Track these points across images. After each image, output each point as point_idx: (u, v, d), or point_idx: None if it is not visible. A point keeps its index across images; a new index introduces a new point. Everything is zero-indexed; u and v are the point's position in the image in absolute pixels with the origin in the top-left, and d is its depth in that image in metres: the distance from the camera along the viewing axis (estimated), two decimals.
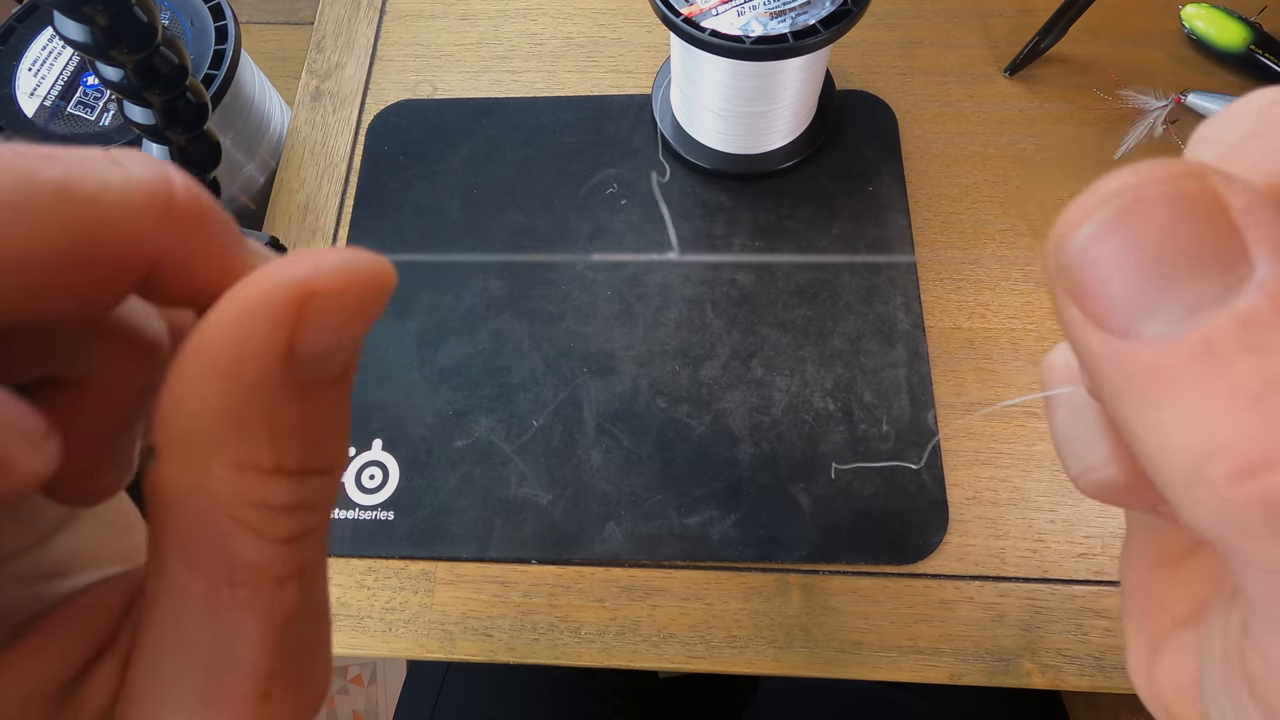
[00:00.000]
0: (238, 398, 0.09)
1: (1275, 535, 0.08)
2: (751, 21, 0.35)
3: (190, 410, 0.09)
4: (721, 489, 0.37)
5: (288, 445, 0.10)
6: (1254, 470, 0.07)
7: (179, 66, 0.31)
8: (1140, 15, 0.48)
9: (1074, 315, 0.09)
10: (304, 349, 0.09)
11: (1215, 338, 0.08)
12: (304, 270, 0.09)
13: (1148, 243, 0.08)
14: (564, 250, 0.43)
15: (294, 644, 0.11)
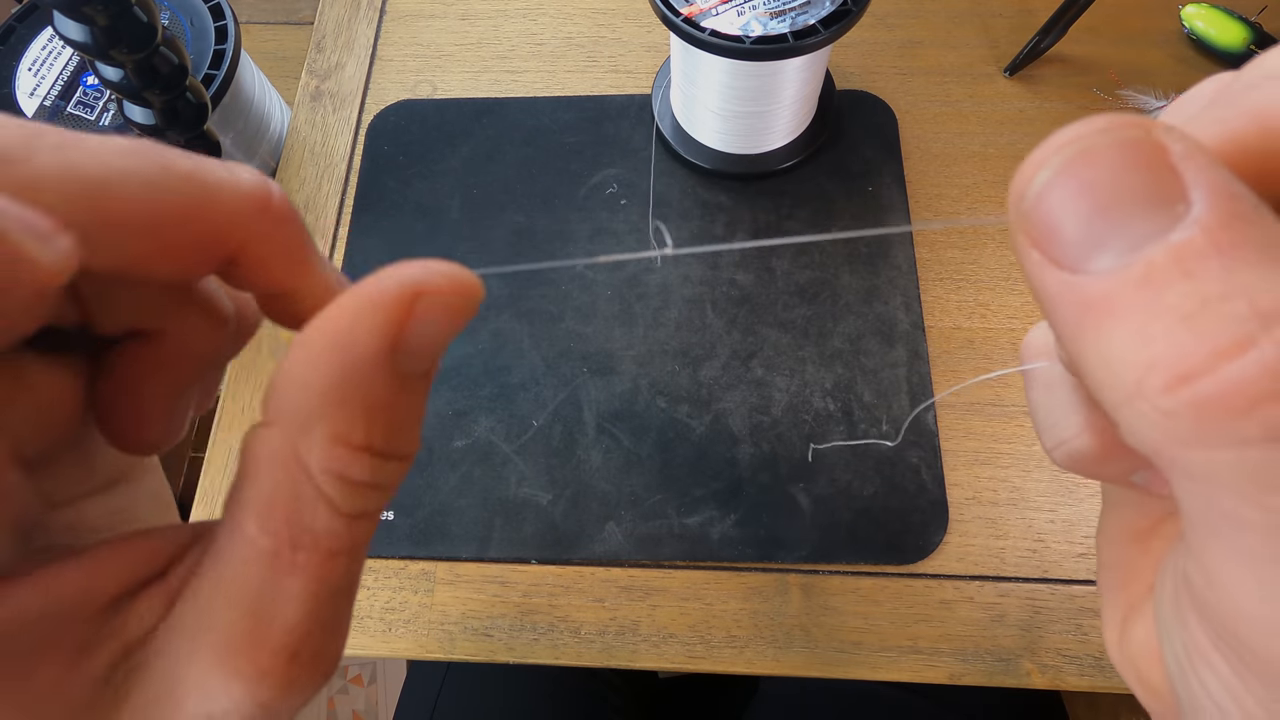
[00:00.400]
0: (346, 376, 0.11)
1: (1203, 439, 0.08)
2: (751, 21, 0.35)
3: (303, 380, 0.11)
4: (721, 489, 0.37)
5: (377, 427, 0.11)
6: (1185, 378, 0.08)
7: (179, 66, 0.31)
8: (1140, 15, 0.48)
9: (1034, 258, 0.10)
10: (406, 342, 0.11)
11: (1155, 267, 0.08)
12: (416, 272, 0.11)
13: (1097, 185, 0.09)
14: (563, 251, 0.43)
15: (328, 614, 0.12)
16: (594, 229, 0.43)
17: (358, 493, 0.11)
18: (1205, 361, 0.08)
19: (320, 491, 0.11)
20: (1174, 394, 0.08)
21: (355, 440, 0.11)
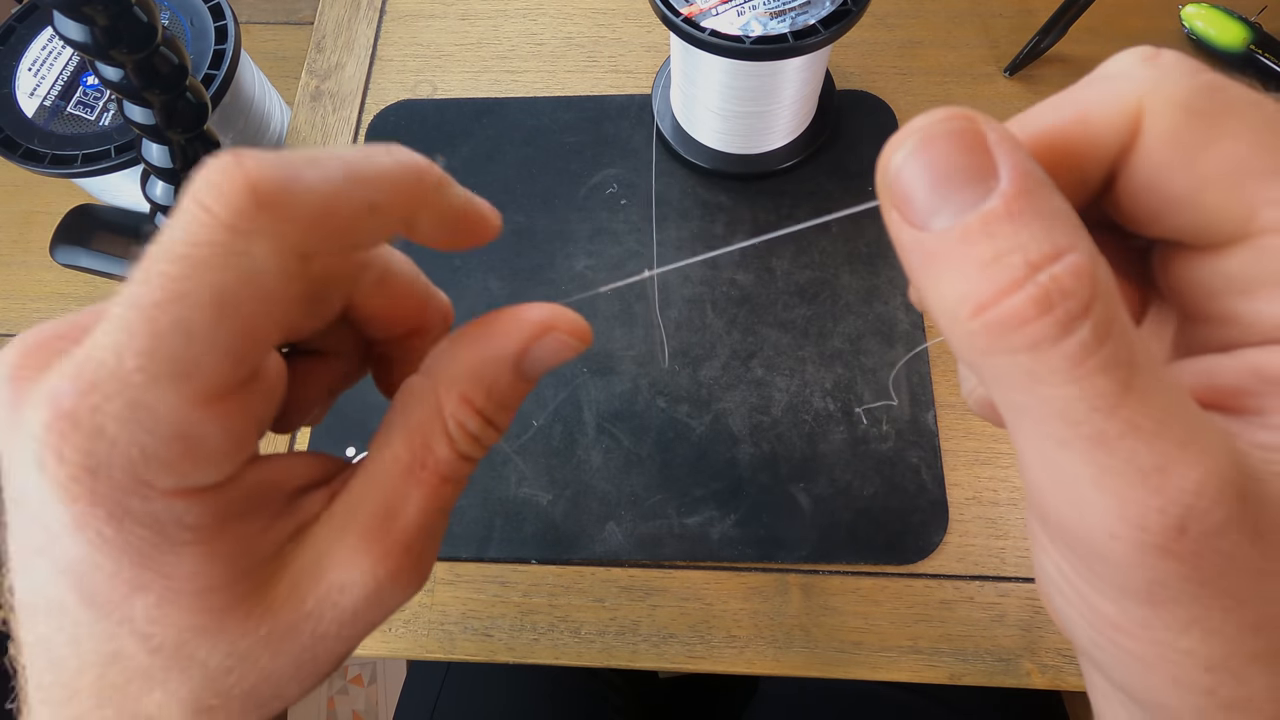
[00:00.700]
0: (485, 363, 0.16)
1: (993, 349, 0.12)
2: (751, 21, 0.35)
3: (457, 355, 0.17)
4: (721, 489, 0.37)
5: (491, 401, 0.17)
6: (982, 307, 0.11)
7: (179, 66, 0.31)
8: (1140, 15, 0.48)
9: (894, 217, 0.13)
10: (530, 355, 0.17)
11: (969, 228, 0.11)
12: (553, 313, 0.17)
13: (935, 163, 0.12)
14: (563, 251, 0.43)
15: (433, 524, 0.17)
16: (594, 229, 0.43)
17: (467, 440, 0.16)
18: (993, 297, 0.11)
19: (446, 430, 0.16)
20: (974, 319, 0.12)
21: (476, 404, 0.16)
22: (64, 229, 0.43)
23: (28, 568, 0.15)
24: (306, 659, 0.16)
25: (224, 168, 0.13)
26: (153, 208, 0.37)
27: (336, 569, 0.16)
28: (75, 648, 0.15)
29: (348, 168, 0.14)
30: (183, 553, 0.14)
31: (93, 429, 0.13)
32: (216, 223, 0.13)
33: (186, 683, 0.15)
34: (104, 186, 0.43)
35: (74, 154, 0.40)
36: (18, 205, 0.53)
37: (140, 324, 0.13)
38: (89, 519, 0.13)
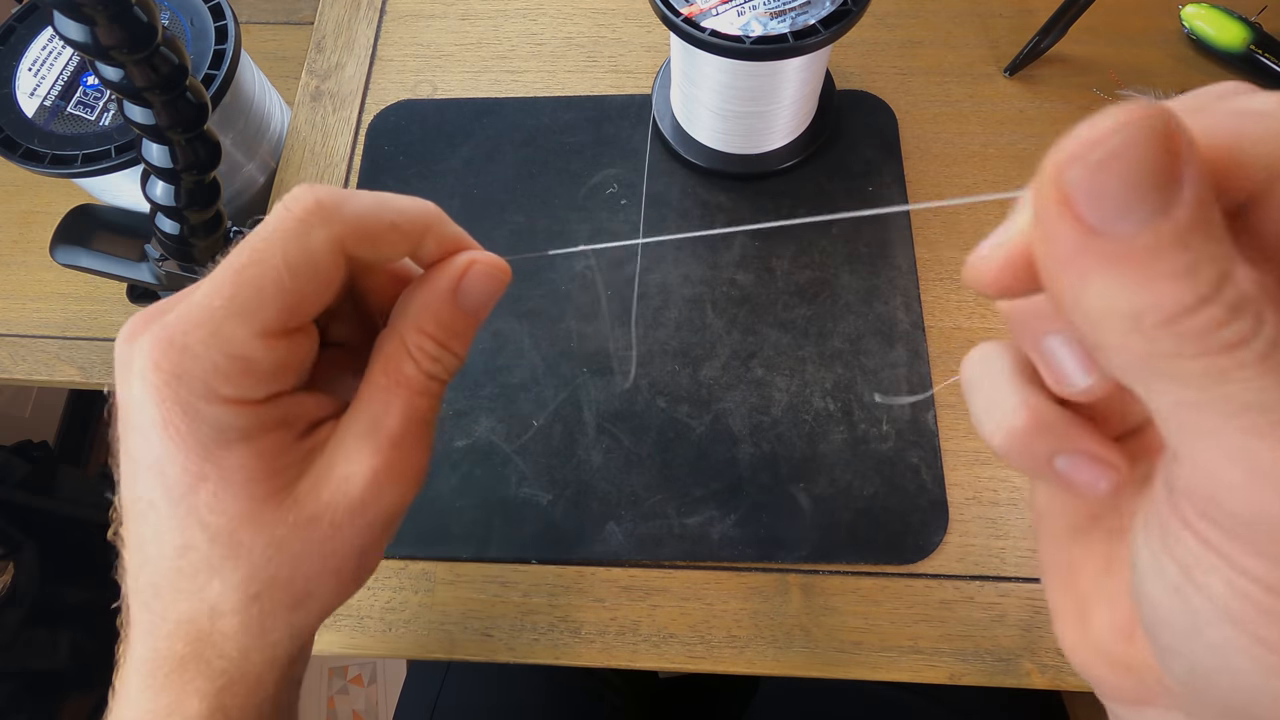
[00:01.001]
0: (429, 302, 0.21)
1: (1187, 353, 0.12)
2: (751, 21, 0.35)
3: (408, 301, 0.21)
4: (721, 489, 0.37)
5: (441, 330, 0.21)
6: (1176, 316, 0.11)
7: (179, 66, 0.31)
8: (1140, 15, 0.48)
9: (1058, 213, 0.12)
10: (463, 287, 0.21)
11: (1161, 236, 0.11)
12: (475, 253, 0.22)
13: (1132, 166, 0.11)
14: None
15: (414, 429, 0.21)
16: (594, 229, 0.43)
17: (428, 360, 0.21)
18: (1192, 306, 0.11)
19: (410, 354, 0.21)
20: (1164, 329, 0.12)
21: (428, 331, 0.21)
22: (64, 229, 0.43)
23: (133, 476, 0.20)
24: (329, 548, 0.20)
25: (300, 188, 0.20)
26: (153, 208, 0.37)
27: (342, 465, 0.20)
28: (158, 543, 0.20)
29: (378, 197, 0.21)
30: (233, 449, 0.19)
31: (184, 347, 0.18)
32: (291, 216, 0.19)
33: (238, 570, 0.19)
34: (104, 186, 0.43)
35: (74, 154, 0.40)
36: (18, 205, 0.53)
37: (229, 277, 0.19)
38: (171, 416, 0.19)
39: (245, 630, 0.20)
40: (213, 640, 0.20)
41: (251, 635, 0.20)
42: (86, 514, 1.01)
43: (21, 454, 1.01)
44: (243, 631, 0.20)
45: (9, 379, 0.49)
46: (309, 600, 0.21)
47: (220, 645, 0.20)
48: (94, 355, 0.49)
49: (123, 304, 0.50)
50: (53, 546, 0.94)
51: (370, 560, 0.22)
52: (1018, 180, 0.44)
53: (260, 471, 0.19)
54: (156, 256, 0.41)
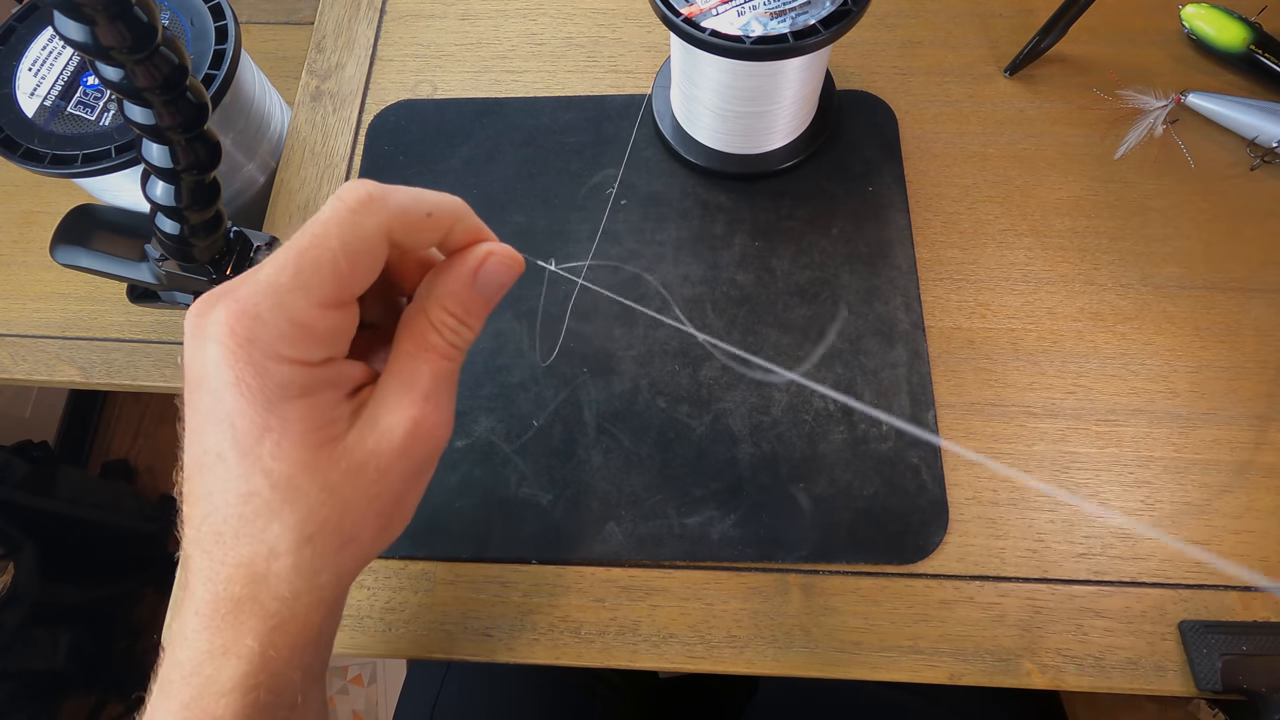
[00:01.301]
0: (451, 284, 0.25)
1: None
2: (751, 21, 0.35)
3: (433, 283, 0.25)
4: (721, 489, 0.37)
5: (460, 307, 0.25)
6: None
7: (179, 66, 0.31)
8: (1140, 15, 0.48)
9: None
10: (481, 274, 0.25)
11: None
12: (493, 245, 0.26)
13: None
14: (563, 251, 0.43)
15: (442, 386, 0.25)
16: (594, 229, 0.43)
17: (449, 332, 0.25)
18: None
19: (434, 326, 0.25)
20: None
21: (449, 309, 0.25)
22: (64, 229, 0.43)
23: (200, 434, 0.22)
24: (375, 492, 0.23)
25: (352, 183, 0.23)
26: (153, 208, 0.37)
27: (384, 417, 0.24)
28: (225, 493, 0.22)
29: (416, 192, 0.24)
30: (294, 403, 0.22)
31: (255, 315, 0.22)
32: (345, 207, 0.23)
33: (295, 512, 0.22)
34: (104, 186, 0.43)
35: (74, 154, 0.40)
36: (18, 205, 0.53)
37: (294, 256, 0.22)
38: (243, 374, 0.21)
39: (297, 571, 0.22)
40: (268, 582, 0.22)
41: (303, 576, 0.23)
42: (86, 514, 1.01)
43: (21, 454, 1.01)
44: (294, 572, 0.22)
45: (9, 379, 0.49)
46: (353, 544, 0.24)
47: (275, 586, 0.22)
48: (94, 355, 0.49)
49: (123, 304, 0.50)
50: (53, 546, 0.94)
51: (407, 507, 0.25)
52: (1018, 180, 0.44)
53: (316, 422, 0.22)
54: (156, 256, 0.41)
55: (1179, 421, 0.38)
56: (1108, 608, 0.35)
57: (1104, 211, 0.43)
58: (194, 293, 0.46)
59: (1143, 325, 0.40)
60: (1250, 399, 0.38)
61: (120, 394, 1.29)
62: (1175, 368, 0.39)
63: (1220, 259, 0.41)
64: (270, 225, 0.46)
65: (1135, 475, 0.37)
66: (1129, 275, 0.41)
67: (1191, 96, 0.44)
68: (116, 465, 1.20)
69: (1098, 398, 0.39)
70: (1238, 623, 0.34)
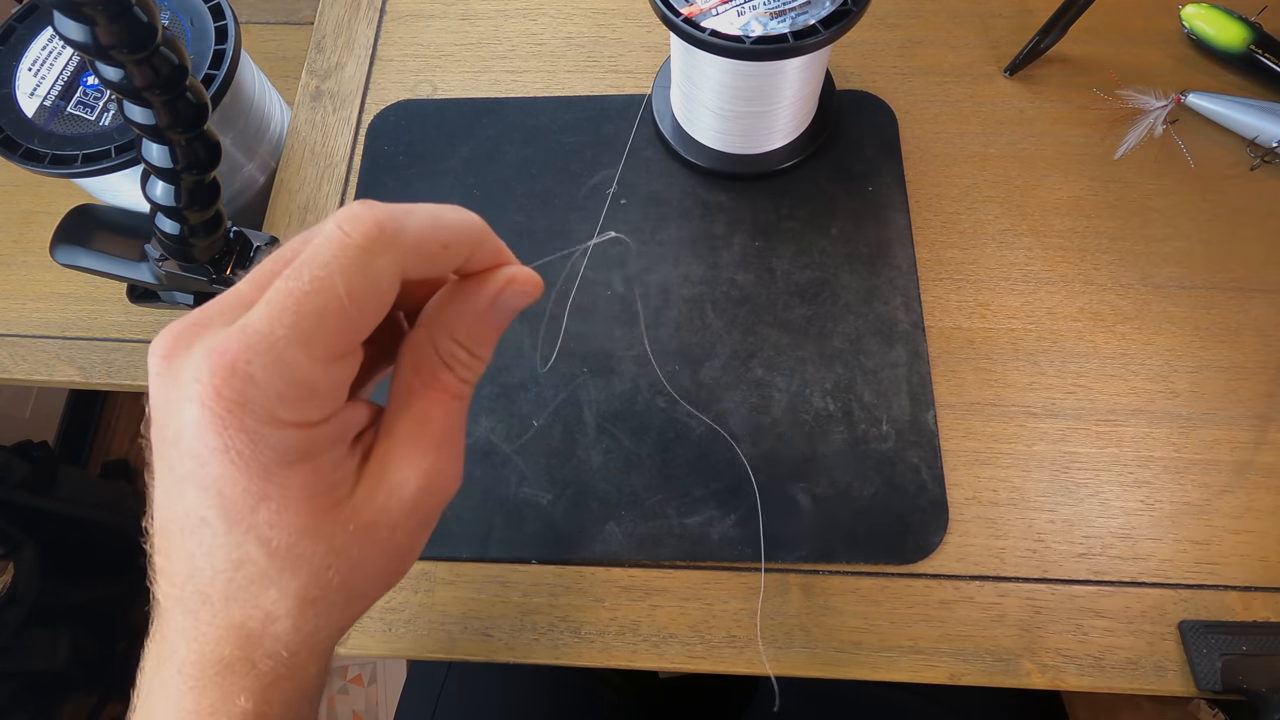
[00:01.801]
0: (464, 311, 0.22)
1: None
2: (751, 21, 0.35)
3: (443, 307, 0.22)
4: (721, 489, 0.37)
5: (471, 337, 0.22)
6: None
7: (179, 66, 0.31)
8: (1140, 15, 0.48)
9: None
10: (499, 301, 0.22)
11: None
12: (516, 270, 0.23)
13: None
14: (563, 250, 0.43)
15: (453, 429, 0.23)
16: (594, 229, 0.43)
17: (460, 366, 0.22)
18: None
19: (444, 362, 0.22)
20: None
21: (460, 341, 0.22)
22: (64, 229, 0.43)
23: (178, 494, 0.20)
24: (384, 549, 0.21)
25: (359, 208, 0.20)
26: (153, 208, 0.37)
27: (394, 470, 0.22)
28: (210, 559, 0.20)
29: (432, 217, 0.21)
30: (296, 468, 0.20)
31: (246, 376, 0.18)
32: (353, 243, 0.19)
33: (296, 579, 0.20)
34: (104, 186, 0.43)
35: (74, 154, 0.40)
36: (18, 205, 0.53)
37: (290, 306, 0.19)
38: (234, 442, 0.19)
39: (297, 631, 0.20)
40: (263, 643, 0.20)
41: (303, 635, 0.21)
42: (86, 514, 1.01)
43: (21, 454, 1.01)
44: (294, 633, 0.20)
45: (9, 379, 0.49)
46: (360, 598, 0.22)
47: (269, 647, 0.20)
48: (94, 355, 0.49)
49: (123, 304, 0.50)
50: (53, 546, 0.94)
51: (415, 554, 0.23)
52: (1018, 180, 0.44)
53: (320, 486, 0.20)
54: (156, 256, 0.41)
55: (1179, 421, 0.38)
56: (1108, 608, 0.35)
57: (1104, 211, 0.43)
58: (194, 293, 0.46)
59: (1143, 325, 0.40)
60: (1250, 399, 0.38)
61: (120, 394, 1.29)
62: (1175, 368, 0.39)
63: (1220, 259, 0.41)
64: (270, 225, 0.46)
65: (1135, 475, 0.37)
66: (1129, 275, 0.41)
67: (1191, 96, 0.44)
68: (116, 465, 1.20)
69: (1098, 398, 0.39)
70: (1238, 623, 0.34)
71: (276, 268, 0.21)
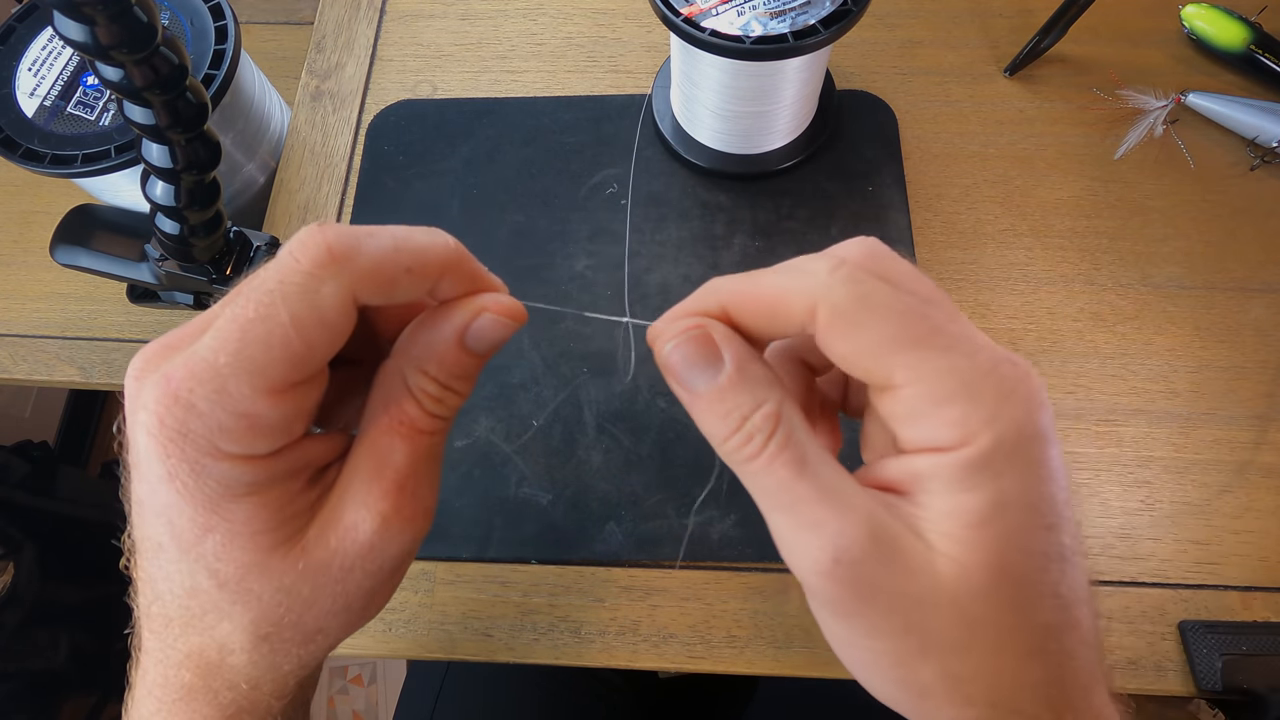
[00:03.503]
0: (435, 343, 0.21)
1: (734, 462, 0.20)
2: (751, 21, 0.35)
3: (415, 338, 0.21)
4: (721, 489, 0.37)
5: (444, 371, 0.21)
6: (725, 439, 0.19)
7: (179, 66, 0.31)
8: (1140, 15, 0.48)
9: (670, 380, 0.20)
10: (472, 331, 0.21)
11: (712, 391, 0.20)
12: (487, 300, 0.22)
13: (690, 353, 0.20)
14: (563, 251, 0.43)
15: (421, 468, 0.21)
16: (594, 229, 0.43)
17: (430, 400, 0.21)
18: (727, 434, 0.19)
19: (412, 395, 0.21)
20: (721, 445, 0.20)
21: (430, 373, 0.21)
22: (64, 229, 0.43)
23: (139, 517, 0.20)
24: (339, 590, 0.21)
25: (311, 232, 0.19)
26: (153, 208, 0.37)
27: (350, 511, 0.20)
28: (169, 583, 0.20)
29: (395, 240, 0.20)
30: (241, 502, 0.19)
31: (188, 405, 0.18)
32: (300, 268, 0.19)
33: (247, 613, 0.20)
34: (104, 186, 0.43)
35: (74, 154, 0.40)
36: (18, 205, 0.53)
37: (235, 334, 0.18)
38: (177, 471, 0.18)
39: (254, 665, 0.20)
40: (222, 673, 0.20)
41: (261, 670, 0.20)
42: (86, 514, 1.01)
43: (21, 454, 1.01)
44: (251, 666, 0.20)
45: (9, 379, 0.49)
46: (319, 636, 0.21)
47: (229, 677, 0.20)
48: (94, 355, 0.49)
49: (123, 304, 0.50)
50: (53, 546, 0.94)
51: (381, 597, 0.22)
52: (1018, 180, 0.44)
53: (268, 523, 0.19)
54: (156, 256, 0.41)
55: (1179, 421, 0.38)
56: (1108, 608, 0.35)
57: (1104, 211, 0.43)
58: (194, 293, 0.46)
59: (1143, 325, 0.40)
60: (1250, 399, 0.38)
61: (120, 394, 1.28)
62: (1175, 368, 0.39)
63: (1220, 259, 0.41)
64: (270, 225, 0.46)
65: (1135, 475, 0.37)
66: (1129, 275, 0.41)
67: (1191, 96, 0.44)
68: (116, 465, 1.19)
69: (1098, 398, 0.39)
70: (1238, 623, 0.34)
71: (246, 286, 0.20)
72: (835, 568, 0.18)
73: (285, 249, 0.19)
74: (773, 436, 0.19)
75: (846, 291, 0.19)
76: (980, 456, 0.17)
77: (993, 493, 0.18)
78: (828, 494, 0.18)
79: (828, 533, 0.18)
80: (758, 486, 0.19)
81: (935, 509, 0.18)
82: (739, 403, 0.19)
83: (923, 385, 0.18)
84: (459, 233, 0.46)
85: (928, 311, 0.19)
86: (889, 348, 0.18)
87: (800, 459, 0.18)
